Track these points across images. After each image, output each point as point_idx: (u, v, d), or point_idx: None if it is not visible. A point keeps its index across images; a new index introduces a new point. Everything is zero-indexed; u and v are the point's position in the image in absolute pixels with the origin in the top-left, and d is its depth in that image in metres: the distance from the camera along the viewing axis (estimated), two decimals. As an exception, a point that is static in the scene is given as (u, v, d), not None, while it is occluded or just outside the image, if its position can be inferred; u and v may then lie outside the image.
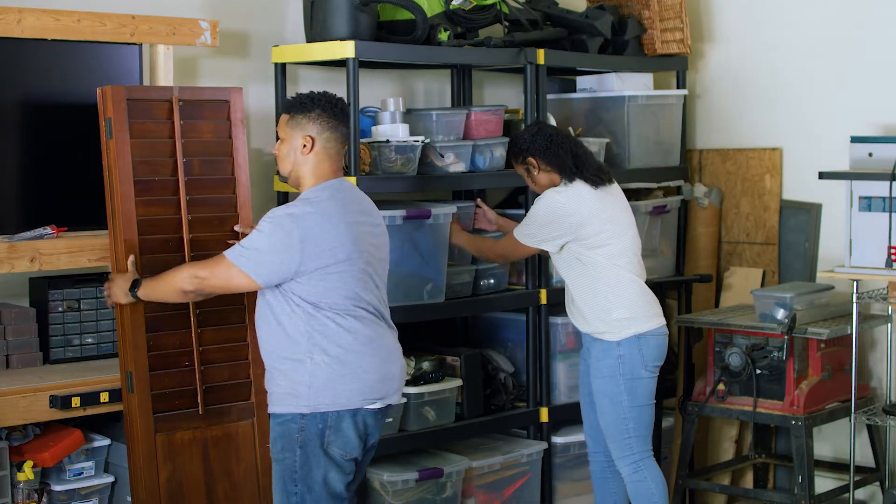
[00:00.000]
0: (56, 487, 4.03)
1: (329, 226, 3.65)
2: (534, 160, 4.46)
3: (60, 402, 3.86)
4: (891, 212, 4.62)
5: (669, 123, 5.54)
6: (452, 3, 4.82)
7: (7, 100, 4.11)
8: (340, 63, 4.54)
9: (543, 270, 5.00)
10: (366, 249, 3.74)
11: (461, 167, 4.79)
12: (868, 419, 4.88)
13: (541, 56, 4.97)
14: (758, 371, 4.91)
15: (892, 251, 4.63)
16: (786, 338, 4.81)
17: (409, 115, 4.77)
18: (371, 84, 5.09)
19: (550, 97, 5.25)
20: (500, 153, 4.91)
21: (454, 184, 4.98)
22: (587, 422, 4.63)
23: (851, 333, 4.76)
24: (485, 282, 4.95)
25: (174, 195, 4.05)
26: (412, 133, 4.66)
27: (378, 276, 3.80)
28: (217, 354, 4.09)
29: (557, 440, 5.07)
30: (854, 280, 4.72)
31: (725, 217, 5.68)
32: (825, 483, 5.21)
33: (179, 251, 4.03)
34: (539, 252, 4.52)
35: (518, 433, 5.14)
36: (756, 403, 4.89)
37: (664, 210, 5.40)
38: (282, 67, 4.75)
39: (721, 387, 5.00)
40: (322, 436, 3.65)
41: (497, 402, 5.00)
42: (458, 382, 4.80)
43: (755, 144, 5.61)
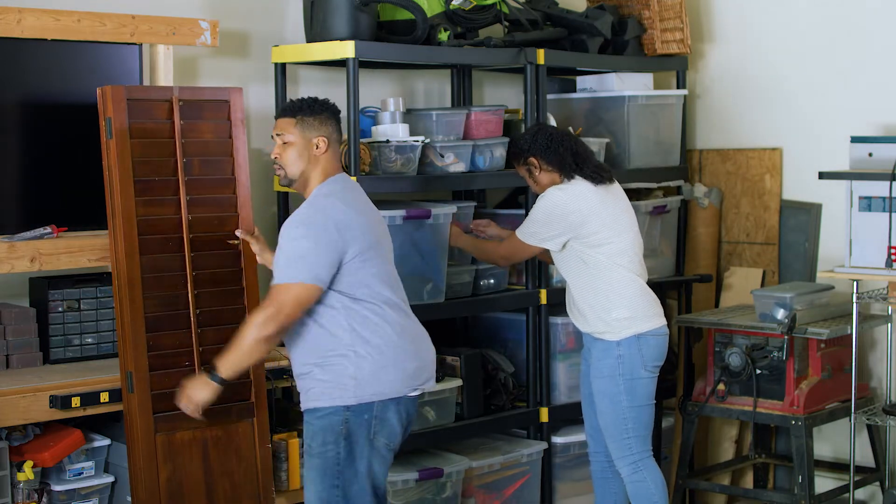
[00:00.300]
0: (56, 487, 4.02)
1: (354, 213, 3.72)
2: (535, 160, 4.46)
3: (60, 402, 3.86)
4: (891, 212, 4.62)
5: (669, 123, 5.54)
6: (452, 3, 4.82)
7: (7, 100, 4.11)
8: (340, 63, 4.54)
9: (543, 270, 5.00)
10: (384, 237, 3.82)
11: (461, 167, 4.79)
12: (868, 419, 4.88)
13: (541, 56, 4.97)
14: (758, 371, 4.91)
15: (892, 251, 4.63)
16: (786, 338, 4.81)
17: (409, 115, 4.77)
18: (371, 84, 5.09)
19: (550, 97, 5.25)
20: (500, 153, 4.91)
21: (454, 184, 4.97)
22: (588, 422, 4.62)
23: (851, 333, 4.76)
24: (485, 282, 4.95)
25: (174, 195, 4.05)
26: (412, 133, 4.66)
27: (394, 266, 3.87)
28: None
29: (557, 440, 5.07)
30: (854, 280, 4.71)
31: (725, 217, 5.67)
32: (825, 483, 5.21)
33: (179, 251, 4.03)
34: (542, 252, 4.51)
35: (518, 433, 5.14)
36: (756, 403, 4.89)
37: (664, 210, 5.40)
38: (282, 67, 4.75)
39: (721, 387, 5.00)
40: (369, 426, 3.69)
41: (497, 402, 4.99)
42: (458, 382, 4.80)
43: (755, 144, 5.61)
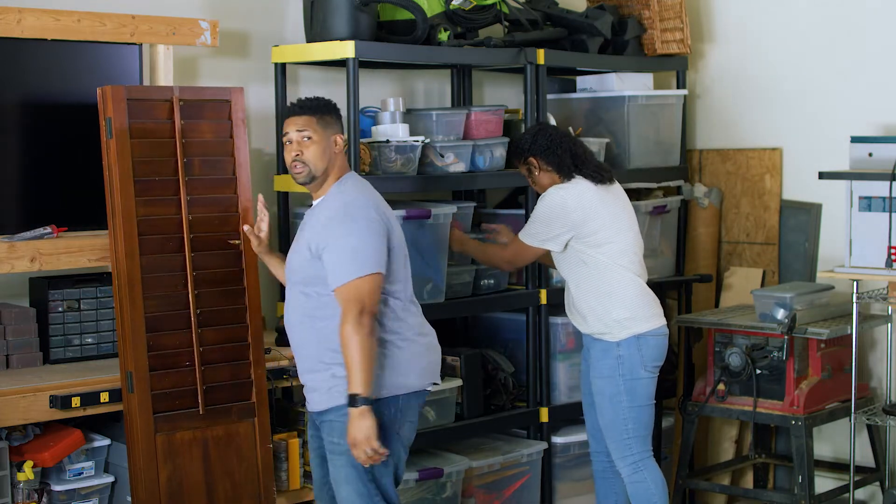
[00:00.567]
0: (56, 487, 4.02)
1: (382, 205, 3.78)
2: (535, 160, 4.46)
3: (60, 402, 3.85)
4: (891, 212, 4.62)
5: (669, 123, 5.54)
6: (452, 3, 4.82)
7: (7, 100, 4.11)
8: (340, 63, 4.54)
9: (543, 270, 5.00)
10: (400, 231, 3.85)
11: (461, 167, 4.79)
12: (868, 419, 4.88)
13: (541, 56, 4.97)
14: (758, 371, 4.91)
15: (892, 251, 4.63)
16: (786, 338, 4.81)
17: (409, 115, 4.77)
18: (371, 84, 5.09)
19: (550, 97, 5.25)
20: (500, 153, 4.91)
21: (454, 184, 4.97)
22: (589, 421, 4.62)
23: (851, 333, 4.76)
24: (485, 282, 4.95)
25: (174, 195, 4.04)
26: (412, 133, 4.66)
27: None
28: (217, 354, 4.07)
29: (557, 440, 5.07)
30: (854, 280, 4.71)
31: (725, 217, 5.67)
32: (825, 483, 5.21)
33: (180, 251, 4.03)
34: (544, 255, 4.51)
35: (518, 433, 5.14)
36: (756, 403, 4.89)
37: (664, 210, 5.40)
38: (282, 67, 4.74)
39: (721, 387, 5.00)
40: (395, 419, 3.73)
41: (497, 402, 4.99)
42: (458, 382, 4.80)
43: (755, 144, 5.61)
